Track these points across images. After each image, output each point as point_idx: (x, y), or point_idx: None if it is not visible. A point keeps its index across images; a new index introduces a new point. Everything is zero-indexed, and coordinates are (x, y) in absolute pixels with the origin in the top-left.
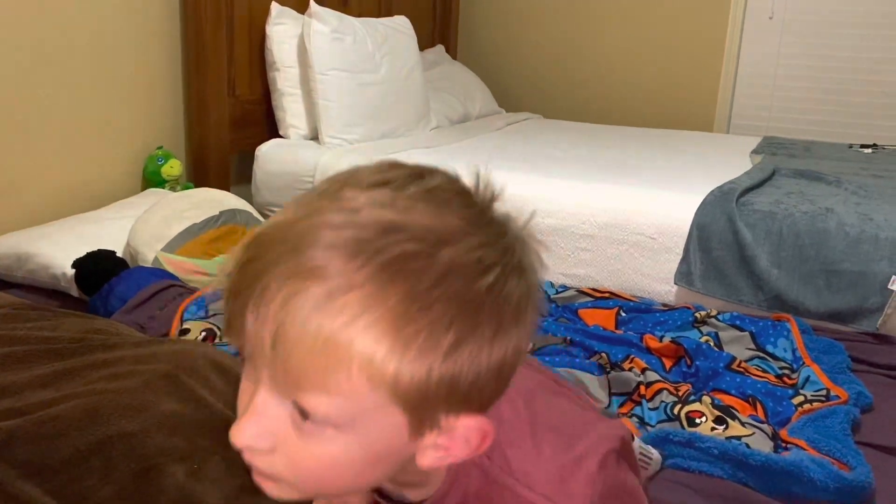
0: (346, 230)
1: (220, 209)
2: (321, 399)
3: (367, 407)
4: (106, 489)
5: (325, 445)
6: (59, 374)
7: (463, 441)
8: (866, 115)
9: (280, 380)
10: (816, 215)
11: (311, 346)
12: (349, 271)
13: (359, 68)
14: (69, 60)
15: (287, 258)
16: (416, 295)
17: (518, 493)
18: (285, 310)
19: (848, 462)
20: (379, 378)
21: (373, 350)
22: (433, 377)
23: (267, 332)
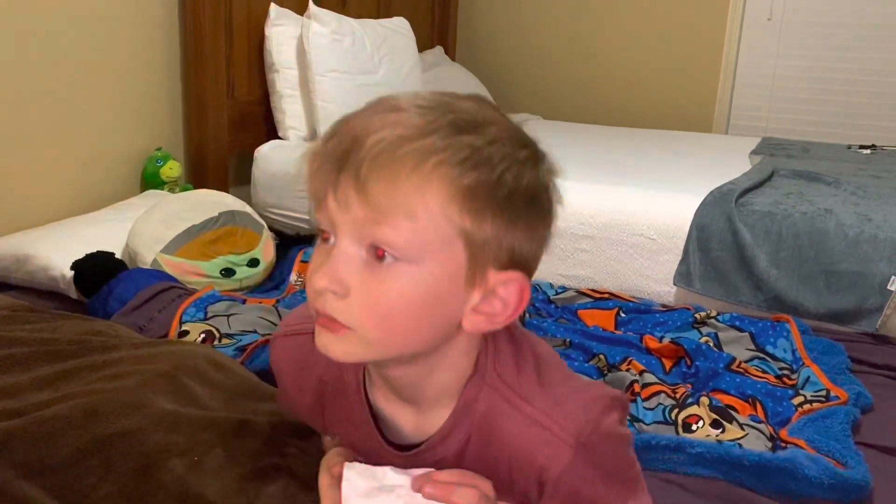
0: (415, 101)
1: (220, 210)
2: (400, 227)
3: (437, 238)
4: (106, 487)
5: (398, 280)
6: (58, 376)
7: (502, 304)
8: (865, 115)
9: (361, 220)
10: (815, 216)
11: (398, 174)
12: (422, 126)
13: (358, 69)
14: (67, 62)
15: (368, 120)
16: (476, 149)
17: (520, 407)
18: (376, 147)
19: (846, 461)
20: (448, 211)
21: (446, 184)
22: (489, 219)
23: (356, 178)
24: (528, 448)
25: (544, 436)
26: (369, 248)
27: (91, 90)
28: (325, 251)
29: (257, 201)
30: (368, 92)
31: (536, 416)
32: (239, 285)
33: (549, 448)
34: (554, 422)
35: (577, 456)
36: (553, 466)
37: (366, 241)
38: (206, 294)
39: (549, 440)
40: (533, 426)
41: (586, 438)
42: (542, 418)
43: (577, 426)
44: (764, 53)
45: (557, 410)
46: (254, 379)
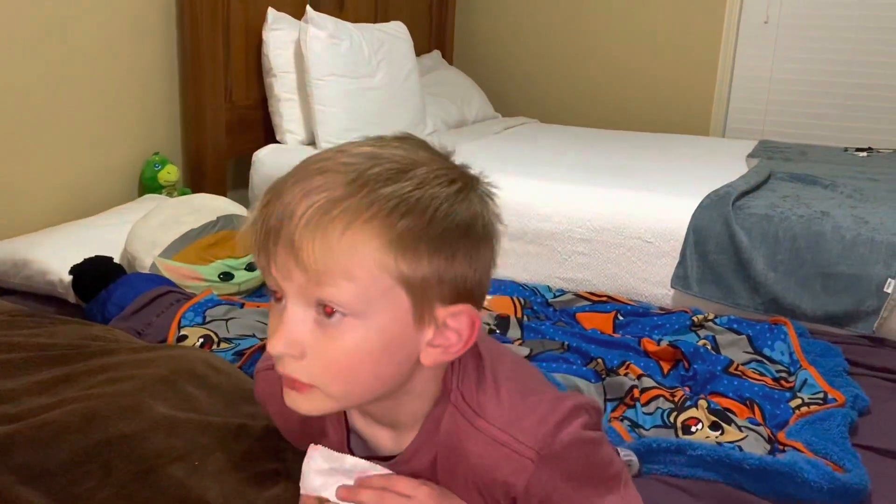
0: (340, 159)
1: (218, 215)
2: (341, 287)
3: (378, 289)
4: (105, 491)
5: (348, 335)
6: (57, 380)
7: (456, 335)
8: (861, 118)
9: (303, 285)
10: (812, 219)
11: (330, 243)
12: (348, 184)
13: (355, 73)
14: (65, 66)
15: (297, 187)
16: (403, 197)
17: (478, 426)
18: (306, 215)
19: (844, 465)
20: (383, 263)
21: (378, 237)
22: (426, 261)
23: (291, 248)
24: (489, 465)
25: (503, 452)
26: (317, 306)
27: (89, 95)
28: (278, 311)
29: None
30: (366, 96)
31: (494, 433)
32: (237, 289)
33: (509, 464)
34: (512, 438)
35: (539, 468)
36: (517, 482)
37: (312, 302)
38: (204, 298)
39: (508, 456)
40: (491, 444)
41: (547, 450)
42: (499, 436)
43: (535, 440)
44: (760, 56)
45: (515, 426)
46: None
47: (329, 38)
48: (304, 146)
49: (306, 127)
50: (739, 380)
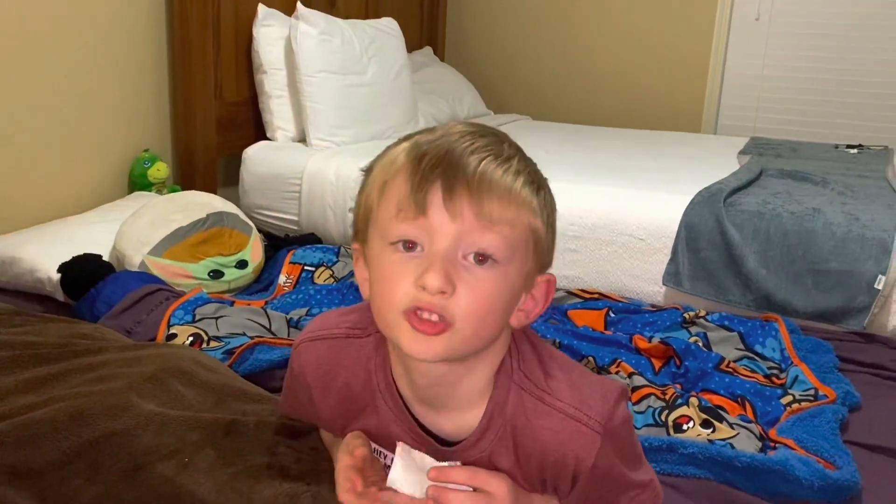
0: (477, 127)
1: (208, 212)
2: (504, 234)
3: (523, 242)
4: (93, 489)
5: (494, 280)
6: (44, 379)
7: (534, 301)
8: (852, 115)
9: (468, 229)
10: (803, 215)
11: (508, 190)
12: (507, 147)
13: (346, 70)
14: (54, 63)
15: (459, 143)
16: (535, 171)
17: (549, 402)
18: (482, 166)
19: (835, 461)
20: (531, 224)
21: (536, 198)
22: (546, 232)
23: (468, 191)
24: (561, 441)
25: (576, 427)
26: (470, 253)
27: (78, 91)
28: (406, 259)
29: (246, 203)
30: (357, 92)
31: (567, 409)
32: (227, 287)
33: (581, 438)
34: (583, 413)
35: (605, 442)
36: (587, 456)
37: (466, 247)
38: (194, 296)
39: (581, 431)
40: (565, 420)
41: (611, 425)
42: (572, 411)
43: (602, 415)
44: (752, 54)
45: (584, 403)
46: (241, 381)
47: (320, 34)
48: (294, 143)
49: (297, 124)
50: (731, 377)
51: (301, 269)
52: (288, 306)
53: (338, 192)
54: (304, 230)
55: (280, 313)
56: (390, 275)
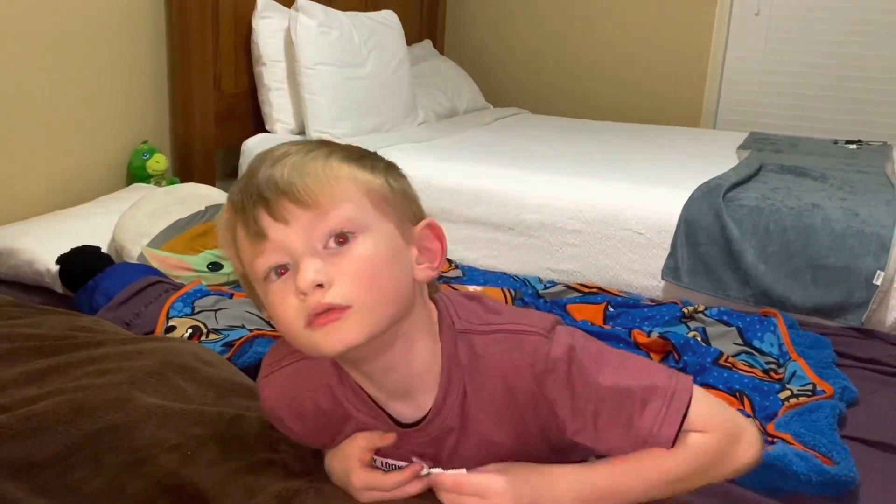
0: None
1: (206, 204)
2: (343, 208)
3: (370, 205)
4: (96, 481)
5: (363, 247)
6: (44, 372)
7: (431, 251)
8: (851, 111)
9: (309, 223)
10: (803, 211)
11: (318, 173)
12: (306, 145)
13: (345, 62)
14: (52, 54)
15: (260, 168)
16: (350, 149)
17: (492, 330)
18: (287, 168)
19: (832, 457)
20: (363, 181)
21: (348, 166)
22: (389, 181)
23: (286, 195)
24: (512, 357)
25: (518, 338)
26: (327, 241)
27: (76, 83)
28: (282, 283)
29: None
30: (356, 85)
31: (508, 327)
32: (226, 279)
33: (528, 345)
34: (524, 325)
35: (554, 343)
36: (539, 360)
37: (320, 238)
38: (193, 288)
39: (525, 339)
40: (509, 337)
41: (554, 329)
42: (513, 327)
43: (543, 322)
44: (751, 48)
45: (524, 318)
46: (242, 376)
47: (319, 26)
48: (293, 135)
49: (296, 116)
50: (729, 371)
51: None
52: None
53: None
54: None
55: None
56: (278, 302)
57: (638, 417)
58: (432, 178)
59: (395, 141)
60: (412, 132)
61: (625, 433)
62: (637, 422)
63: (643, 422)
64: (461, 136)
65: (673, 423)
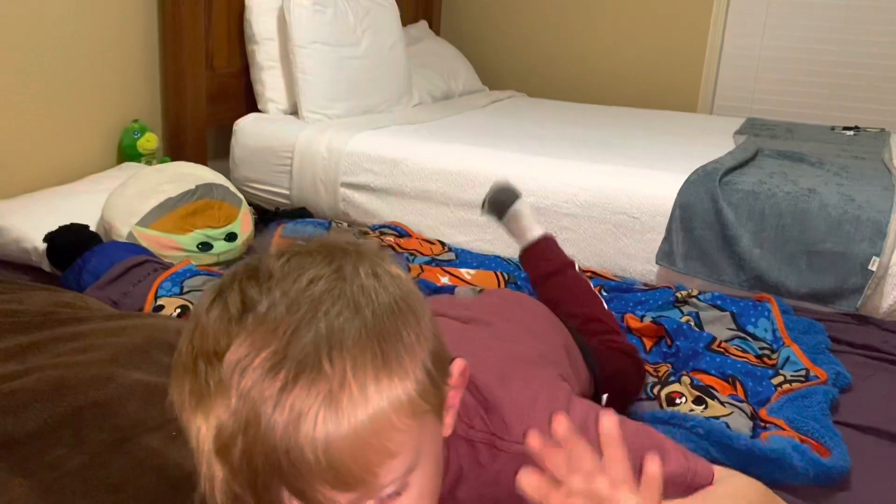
0: (286, 328)
1: (197, 183)
2: (392, 471)
3: (421, 433)
4: (77, 458)
5: (415, 490)
6: (25, 348)
7: (454, 392)
8: (848, 97)
9: (356, 500)
10: (799, 196)
11: (364, 448)
12: (329, 365)
13: (340, 42)
14: (43, 33)
15: (278, 436)
16: (376, 334)
17: (503, 448)
18: (322, 454)
19: (825, 443)
20: (413, 407)
21: (392, 397)
22: (427, 366)
23: (325, 488)
24: (505, 471)
25: (514, 458)
26: (377, 500)
27: (66, 60)
28: None
29: (236, 175)
30: (350, 65)
31: (515, 448)
32: (216, 259)
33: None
34: (516, 441)
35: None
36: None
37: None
38: (182, 268)
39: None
40: (514, 459)
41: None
42: (519, 448)
43: (543, 424)
44: (750, 34)
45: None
46: None
47: (313, 4)
48: (286, 115)
49: (289, 96)
50: (722, 356)
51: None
52: None
53: (329, 166)
54: (295, 204)
55: None
56: None
57: None
58: (427, 160)
59: (390, 122)
60: (407, 113)
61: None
62: None
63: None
64: (456, 118)
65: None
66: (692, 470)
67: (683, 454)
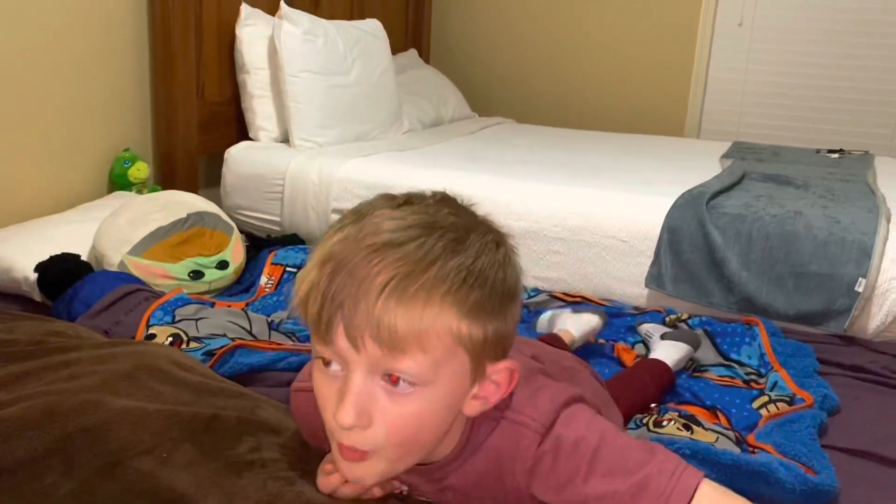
0: (395, 226)
1: (188, 211)
2: (416, 359)
3: (446, 355)
4: (68, 485)
5: (416, 403)
6: (15, 377)
7: (496, 386)
8: (833, 120)
9: (376, 358)
10: (785, 218)
11: (412, 314)
12: (419, 260)
13: (330, 70)
14: (34, 60)
15: (369, 258)
16: (470, 269)
17: (508, 418)
18: (386, 290)
19: (814, 466)
20: (458, 333)
21: (453, 309)
22: (487, 325)
23: (369, 322)
24: (508, 446)
25: (520, 431)
26: (384, 376)
27: (57, 89)
28: (329, 376)
29: (227, 203)
30: (341, 93)
31: (517, 418)
32: (208, 288)
33: (524, 440)
34: (529, 417)
35: (543, 443)
36: (527, 457)
37: (379, 371)
38: (174, 297)
39: (523, 434)
40: (514, 427)
41: (554, 427)
42: (520, 418)
43: (546, 416)
44: (735, 58)
45: (535, 409)
46: (220, 379)
47: (304, 34)
48: (277, 143)
49: (280, 124)
50: (705, 380)
51: (283, 270)
52: (269, 308)
53: (320, 193)
54: (286, 231)
55: (261, 315)
56: (320, 394)
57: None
58: (417, 186)
59: (381, 149)
60: (397, 140)
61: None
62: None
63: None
64: (446, 144)
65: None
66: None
67: (668, 473)
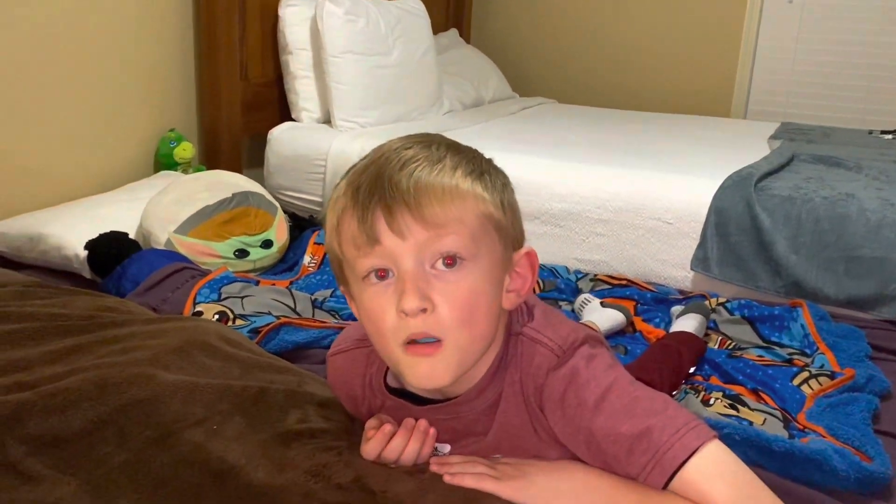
0: (407, 140)
1: (233, 191)
2: (460, 233)
3: (482, 230)
4: (122, 455)
5: (469, 277)
6: (70, 350)
7: (522, 278)
8: (886, 100)
9: (423, 241)
10: (837, 200)
11: (443, 192)
12: (435, 150)
13: (372, 51)
14: (81, 44)
15: (386, 165)
16: (474, 159)
17: (531, 336)
18: (413, 178)
19: (867, 451)
20: (483, 206)
21: (476, 187)
22: (505, 206)
23: (407, 207)
24: (530, 363)
25: (538, 349)
26: (436, 261)
27: (105, 71)
28: (382, 289)
29: (270, 183)
30: (382, 73)
31: (537, 336)
32: (252, 266)
33: (540, 357)
34: (548, 338)
35: (560, 364)
36: (541, 374)
37: (430, 257)
38: (219, 275)
39: (541, 352)
40: (534, 345)
41: (570, 351)
42: (540, 337)
43: (563, 340)
44: (784, 37)
45: (555, 332)
46: (267, 355)
47: (346, 14)
48: (319, 124)
49: (322, 105)
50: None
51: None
52: (313, 287)
53: None
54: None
55: (305, 294)
56: (375, 308)
57: (623, 463)
58: None
59: (421, 130)
60: (438, 121)
61: (613, 468)
62: (623, 467)
63: (629, 468)
64: (487, 125)
65: (657, 478)
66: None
67: (671, 429)
